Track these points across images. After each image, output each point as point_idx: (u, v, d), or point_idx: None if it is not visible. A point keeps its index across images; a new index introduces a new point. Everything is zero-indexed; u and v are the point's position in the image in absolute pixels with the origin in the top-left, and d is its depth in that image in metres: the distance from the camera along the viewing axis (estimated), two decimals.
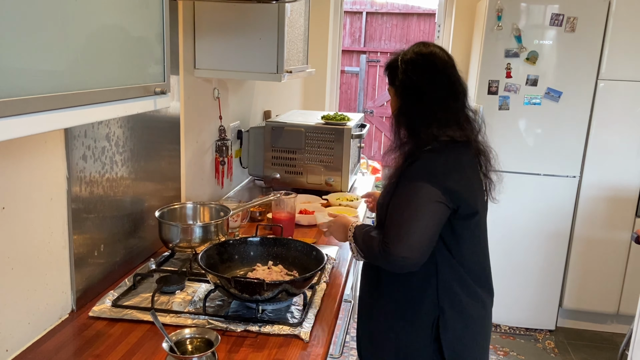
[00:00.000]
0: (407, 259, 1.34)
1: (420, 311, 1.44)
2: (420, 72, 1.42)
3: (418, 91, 1.42)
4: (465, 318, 1.45)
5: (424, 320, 1.44)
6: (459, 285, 1.44)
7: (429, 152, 1.39)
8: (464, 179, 1.39)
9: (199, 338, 1.15)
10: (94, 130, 1.41)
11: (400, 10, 6.90)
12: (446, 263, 1.42)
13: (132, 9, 1.00)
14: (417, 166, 1.38)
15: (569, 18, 2.93)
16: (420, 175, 1.36)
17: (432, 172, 1.36)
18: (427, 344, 1.44)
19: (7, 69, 0.72)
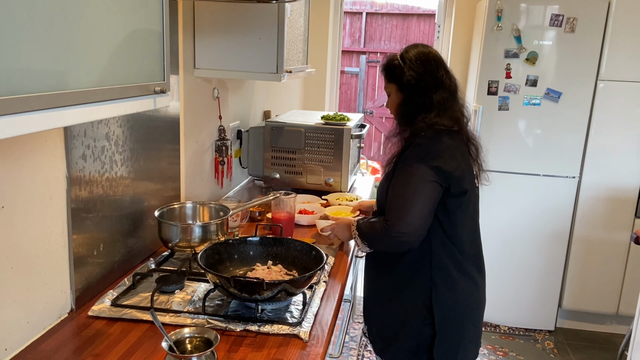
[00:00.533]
0: (407, 234, 1.50)
1: (415, 283, 1.61)
2: (423, 67, 1.58)
3: (421, 84, 1.57)
4: (456, 291, 1.60)
5: (418, 291, 1.60)
6: (451, 261, 1.59)
7: (424, 137, 1.56)
8: (454, 160, 1.54)
9: (199, 337, 1.15)
10: (93, 129, 1.41)
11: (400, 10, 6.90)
12: (439, 241, 1.58)
13: (132, 7, 1.00)
14: (412, 150, 1.55)
15: (568, 19, 2.93)
16: (415, 157, 1.53)
17: (425, 155, 1.53)
18: (420, 310, 1.60)
19: (6, 67, 0.72)
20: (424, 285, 1.59)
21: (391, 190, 1.56)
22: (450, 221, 1.57)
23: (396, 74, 1.62)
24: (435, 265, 1.58)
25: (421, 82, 1.57)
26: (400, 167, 1.55)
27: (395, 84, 1.63)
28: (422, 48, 1.62)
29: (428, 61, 1.59)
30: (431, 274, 1.58)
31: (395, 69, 1.61)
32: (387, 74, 1.65)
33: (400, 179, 1.54)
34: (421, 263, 1.59)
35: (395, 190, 1.54)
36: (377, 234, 1.58)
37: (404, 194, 1.51)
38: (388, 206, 1.55)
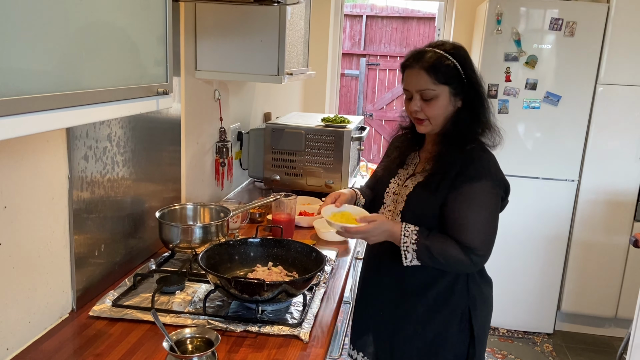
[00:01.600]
0: (485, 258, 1.44)
1: (454, 302, 1.51)
2: (471, 64, 1.47)
3: (478, 82, 1.47)
4: (486, 301, 1.57)
5: (457, 309, 1.51)
6: (481, 277, 1.56)
7: (478, 150, 1.47)
8: (505, 177, 1.50)
9: (199, 338, 1.15)
10: (95, 130, 1.42)
11: (400, 13, 6.91)
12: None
13: (134, 9, 1.01)
14: (477, 167, 1.43)
15: (568, 23, 2.94)
16: (485, 175, 1.43)
17: (492, 171, 1.45)
18: (460, 328, 1.52)
19: (9, 68, 0.72)
20: (462, 303, 1.51)
21: (464, 211, 1.41)
22: None
23: (451, 75, 1.43)
24: (471, 281, 1.52)
25: (476, 80, 1.46)
26: (469, 186, 1.41)
27: (448, 86, 1.44)
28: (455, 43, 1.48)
29: (471, 60, 1.48)
30: (468, 292, 1.51)
31: (449, 70, 1.43)
32: (438, 74, 1.43)
33: (473, 198, 1.41)
34: (458, 281, 1.51)
35: (472, 213, 1.41)
36: (455, 261, 1.41)
37: (485, 218, 1.42)
38: (466, 228, 1.40)
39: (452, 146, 1.46)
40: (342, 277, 1.72)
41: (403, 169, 1.61)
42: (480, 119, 1.48)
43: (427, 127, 1.49)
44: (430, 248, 1.41)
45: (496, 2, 2.99)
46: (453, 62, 1.43)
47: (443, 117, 1.47)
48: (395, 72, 6.87)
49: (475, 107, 1.47)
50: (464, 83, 1.45)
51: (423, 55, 1.45)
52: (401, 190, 1.55)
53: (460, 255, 1.40)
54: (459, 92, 1.45)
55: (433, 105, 1.45)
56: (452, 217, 1.43)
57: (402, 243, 1.44)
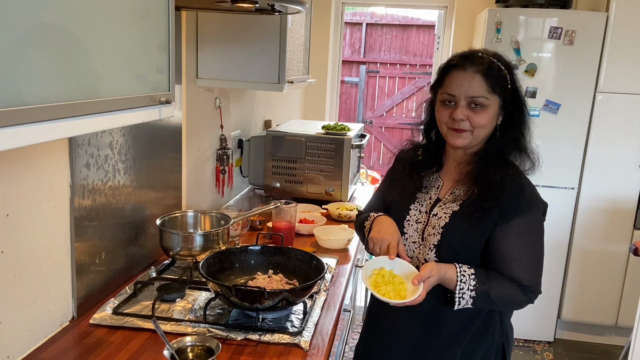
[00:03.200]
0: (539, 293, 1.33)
1: (485, 345, 1.39)
2: (518, 82, 1.35)
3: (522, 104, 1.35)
4: (513, 333, 1.48)
5: (488, 350, 1.40)
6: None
7: (521, 177, 1.34)
8: None
9: (200, 346, 1.15)
10: (97, 138, 1.43)
11: (400, 21, 6.95)
12: None
13: (136, 18, 1.02)
14: (528, 196, 1.31)
15: (567, 31, 2.96)
16: (534, 205, 1.31)
17: (540, 202, 1.34)
18: None
19: (11, 78, 0.73)
20: (497, 340, 1.40)
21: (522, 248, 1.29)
22: None
23: (502, 85, 1.30)
24: (504, 315, 1.42)
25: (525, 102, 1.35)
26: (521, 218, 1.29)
27: (499, 97, 1.30)
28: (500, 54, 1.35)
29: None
30: (502, 328, 1.41)
31: (501, 79, 1.30)
32: (494, 82, 1.29)
33: (530, 233, 1.30)
34: (492, 318, 1.39)
35: (529, 248, 1.30)
36: (511, 298, 1.30)
37: (539, 252, 1.32)
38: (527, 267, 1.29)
39: (496, 168, 1.30)
40: (342, 285, 1.72)
41: (422, 193, 1.42)
42: (520, 140, 1.35)
43: (466, 139, 1.32)
44: (490, 294, 1.28)
45: (495, 10, 3.01)
46: (505, 73, 1.30)
47: (487, 130, 1.32)
48: (395, 79, 6.90)
49: (518, 127, 1.34)
50: (510, 97, 1.32)
51: (477, 58, 1.29)
52: (431, 220, 1.36)
53: (518, 294, 1.29)
54: (505, 106, 1.32)
55: (482, 116, 1.29)
56: (504, 254, 1.29)
57: (458, 289, 1.27)
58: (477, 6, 3.56)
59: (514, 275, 1.29)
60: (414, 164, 1.45)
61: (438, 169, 1.44)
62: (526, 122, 1.36)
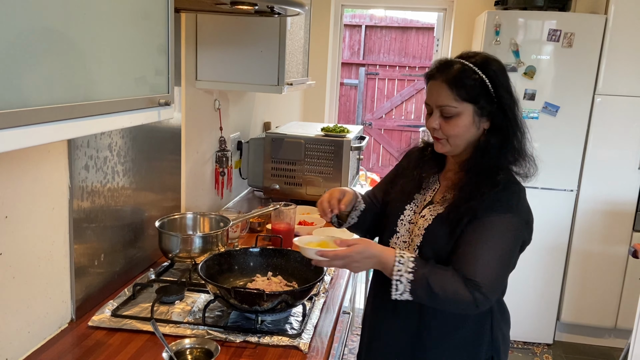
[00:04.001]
0: (491, 300, 1.23)
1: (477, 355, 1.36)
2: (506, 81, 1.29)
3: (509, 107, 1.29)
4: (507, 344, 1.43)
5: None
6: (502, 318, 1.40)
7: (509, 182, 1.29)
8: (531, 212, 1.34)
9: (199, 348, 1.15)
10: (96, 140, 1.42)
11: (399, 24, 6.96)
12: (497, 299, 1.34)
13: (136, 20, 1.02)
14: (504, 197, 1.26)
15: (566, 34, 2.96)
16: (510, 208, 1.26)
17: (519, 206, 1.28)
18: None
19: (11, 80, 0.73)
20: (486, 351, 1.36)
21: (478, 243, 1.23)
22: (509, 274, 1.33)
23: (477, 91, 1.26)
24: (496, 328, 1.36)
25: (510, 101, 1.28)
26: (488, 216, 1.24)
27: (473, 104, 1.26)
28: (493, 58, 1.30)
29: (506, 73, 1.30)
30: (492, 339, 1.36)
31: (475, 86, 1.25)
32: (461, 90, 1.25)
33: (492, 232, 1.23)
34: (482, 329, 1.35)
35: (486, 245, 1.23)
36: (453, 291, 1.20)
37: (499, 255, 1.23)
38: (475, 262, 1.21)
39: (479, 175, 1.27)
40: (341, 287, 1.72)
41: (420, 194, 1.41)
42: (511, 145, 1.29)
43: (445, 147, 1.32)
44: (429, 279, 1.20)
45: (494, 13, 3.02)
46: (481, 77, 1.25)
47: (464, 139, 1.29)
48: (395, 81, 6.91)
49: (505, 131, 1.28)
50: (492, 102, 1.27)
51: (448, 66, 1.28)
52: (418, 220, 1.36)
53: (462, 290, 1.19)
54: (485, 112, 1.27)
55: (453, 124, 1.28)
56: (462, 248, 1.24)
57: (395, 271, 1.22)
58: (476, 8, 3.57)
59: (463, 270, 1.21)
60: (418, 164, 1.45)
61: (438, 171, 1.43)
62: (515, 125, 1.30)
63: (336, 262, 1.26)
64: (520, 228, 1.28)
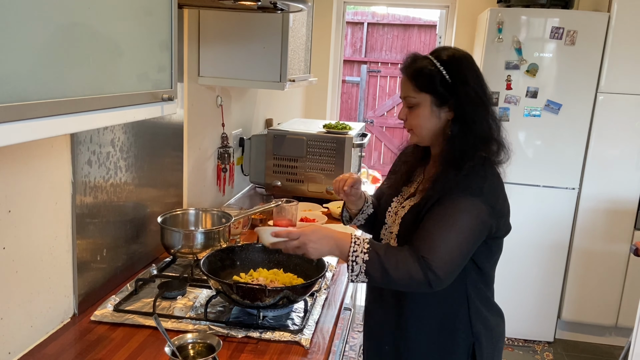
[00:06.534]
0: (443, 281, 1.23)
1: (454, 340, 1.38)
2: (468, 72, 1.33)
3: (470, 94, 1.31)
4: (493, 337, 1.43)
5: (459, 348, 1.39)
6: (485, 305, 1.41)
7: (478, 167, 1.30)
8: (505, 199, 1.35)
9: (201, 343, 1.16)
10: (99, 135, 1.43)
11: (401, 21, 6.95)
12: (474, 285, 1.37)
13: (139, 15, 1.02)
14: (467, 181, 1.28)
15: (569, 31, 2.96)
16: (471, 191, 1.27)
17: (483, 189, 1.28)
18: None
19: (13, 74, 0.73)
20: (466, 339, 1.38)
21: (434, 221, 1.26)
22: (488, 261, 1.38)
23: (431, 82, 1.30)
24: (474, 316, 1.37)
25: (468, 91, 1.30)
26: (451, 199, 1.27)
27: (430, 95, 1.32)
28: (454, 50, 1.35)
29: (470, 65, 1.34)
30: (472, 328, 1.37)
31: (432, 76, 1.30)
32: (419, 82, 1.32)
33: (449, 211, 1.26)
34: (459, 316, 1.37)
35: (441, 224, 1.25)
36: (406, 269, 1.22)
37: (453, 232, 1.24)
38: (429, 239, 1.24)
39: (447, 164, 1.30)
40: (343, 284, 1.72)
41: (407, 187, 1.47)
42: (473, 134, 1.31)
43: (413, 138, 1.40)
44: (383, 258, 1.23)
45: (497, 10, 3.01)
46: (438, 69, 1.30)
47: (426, 128, 1.35)
48: (396, 79, 6.90)
49: (468, 120, 1.30)
50: (452, 93, 1.30)
51: (413, 61, 1.35)
52: (399, 211, 1.42)
53: (415, 269, 1.21)
54: (444, 102, 1.31)
55: (414, 115, 1.35)
56: (421, 228, 1.28)
57: (350, 252, 1.25)
58: (479, 6, 3.56)
59: (416, 246, 1.24)
60: (407, 159, 1.52)
61: (424, 165, 1.48)
62: (477, 114, 1.31)
63: (292, 242, 1.29)
64: (483, 212, 1.27)
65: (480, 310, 1.39)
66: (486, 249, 1.34)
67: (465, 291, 1.35)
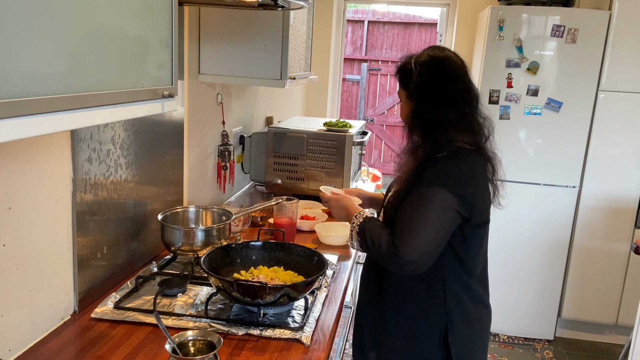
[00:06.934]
0: (413, 263, 1.33)
1: (429, 321, 1.45)
2: (435, 75, 1.41)
3: (433, 94, 1.41)
4: (471, 323, 1.48)
5: (433, 329, 1.45)
6: (465, 292, 1.46)
7: (445, 158, 1.39)
8: (478, 189, 1.41)
9: (202, 340, 1.15)
10: (99, 133, 1.43)
11: (402, 19, 6.94)
12: (453, 271, 1.43)
13: (140, 12, 1.02)
14: (434, 172, 1.37)
15: (570, 29, 2.95)
16: (438, 181, 1.35)
17: (449, 179, 1.36)
18: (435, 350, 1.46)
19: (15, 70, 0.73)
20: (439, 320, 1.45)
21: (403, 209, 1.38)
22: (467, 250, 1.43)
23: (407, 79, 1.45)
24: (449, 298, 1.44)
25: (431, 91, 1.40)
26: (418, 188, 1.37)
27: (405, 90, 1.47)
28: (437, 51, 1.45)
29: (442, 68, 1.42)
30: (446, 308, 1.44)
31: (407, 74, 1.44)
32: (399, 77, 1.49)
33: (417, 200, 1.36)
34: (435, 296, 1.45)
35: (409, 211, 1.36)
36: (380, 250, 1.38)
37: (419, 218, 1.34)
38: (399, 226, 1.36)
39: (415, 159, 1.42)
40: (343, 281, 1.72)
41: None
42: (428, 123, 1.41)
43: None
44: (366, 233, 1.43)
45: (498, 8, 3.01)
46: (411, 67, 1.43)
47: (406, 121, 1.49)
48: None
49: (420, 111, 1.42)
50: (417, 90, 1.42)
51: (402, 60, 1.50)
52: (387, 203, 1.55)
53: (384, 246, 1.36)
54: (410, 96, 1.45)
55: (400, 108, 1.53)
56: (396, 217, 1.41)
57: (351, 224, 1.51)
58: (480, 4, 3.56)
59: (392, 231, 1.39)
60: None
61: None
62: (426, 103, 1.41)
63: (325, 202, 1.72)
64: (450, 200, 1.34)
65: (458, 295, 1.45)
66: (461, 236, 1.40)
67: (442, 275, 1.43)
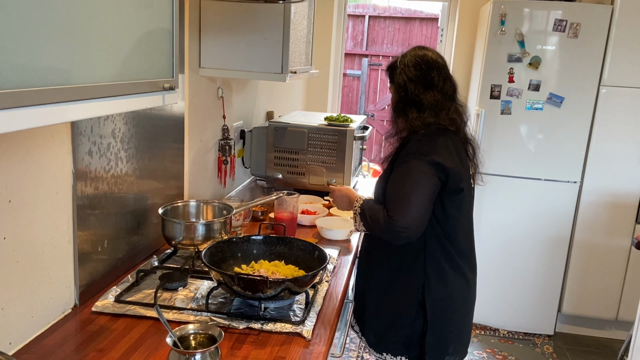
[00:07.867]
0: (409, 229, 1.53)
1: (409, 277, 1.66)
2: (415, 70, 1.64)
3: (411, 86, 1.64)
4: (448, 286, 1.66)
5: (412, 285, 1.65)
6: (444, 257, 1.65)
7: (421, 135, 1.61)
8: (452, 158, 1.58)
9: (203, 334, 1.15)
10: (100, 126, 1.42)
11: (403, 14, 6.92)
12: (434, 236, 1.63)
13: (141, 5, 1.01)
14: (410, 146, 1.60)
15: (572, 24, 2.94)
16: (414, 153, 1.57)
17: (423, 150, 1.57)
18: (413, 304, 1.65)
19: (17, 61, 0.72)
20: (418, 279, 1.64)
21: (391, 185, 1.60)
22: (445, 217, 1.62)
23: (393, 75, 1.70)
24: (429, 259, 1.63)
25: (411, 84, 1.63)
26: (399, 164, 1.60)
27: (392, 84, 1.70)
28: (418, 51, 1.68)
29: (419, 64, 1.64)
30: (425, 269, 1.64)
31: (393, 70, 1.70)
32: (388, 74, 1.73)
33: (399, 175, 1.58)
34: (416, 257, 1.64)
35: (395, 185, 1.58)
36: (379, 224, 1.59)
37: (404, 189, 1.55)
38: (389, 201, 1.58)
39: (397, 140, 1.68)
40: (344, 276, 1.72)
41: None
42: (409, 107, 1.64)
43: None
44: (366, 211, 1.64)
45: (500, 3, 2.99)
46: (397, 64, 1.68)
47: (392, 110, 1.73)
48: None
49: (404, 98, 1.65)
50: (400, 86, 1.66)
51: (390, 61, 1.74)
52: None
53: (382, 220, 1.57)
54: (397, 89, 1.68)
55: (391, 100, 1.74)
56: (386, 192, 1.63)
57: (353, 207, 1.71)
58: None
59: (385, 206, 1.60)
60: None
61: None
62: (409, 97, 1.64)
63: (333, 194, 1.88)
64: (428, 169, 1.55)
65: (437, 260, 1.64)
66: (439, 202, 1.60)
67: (424, 240, 1.62)
